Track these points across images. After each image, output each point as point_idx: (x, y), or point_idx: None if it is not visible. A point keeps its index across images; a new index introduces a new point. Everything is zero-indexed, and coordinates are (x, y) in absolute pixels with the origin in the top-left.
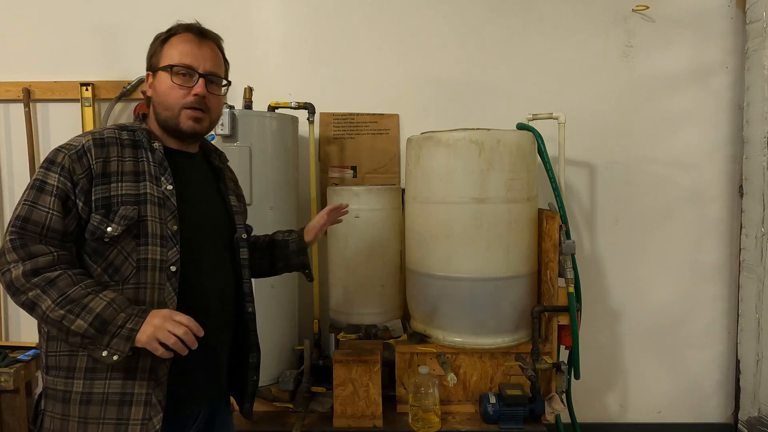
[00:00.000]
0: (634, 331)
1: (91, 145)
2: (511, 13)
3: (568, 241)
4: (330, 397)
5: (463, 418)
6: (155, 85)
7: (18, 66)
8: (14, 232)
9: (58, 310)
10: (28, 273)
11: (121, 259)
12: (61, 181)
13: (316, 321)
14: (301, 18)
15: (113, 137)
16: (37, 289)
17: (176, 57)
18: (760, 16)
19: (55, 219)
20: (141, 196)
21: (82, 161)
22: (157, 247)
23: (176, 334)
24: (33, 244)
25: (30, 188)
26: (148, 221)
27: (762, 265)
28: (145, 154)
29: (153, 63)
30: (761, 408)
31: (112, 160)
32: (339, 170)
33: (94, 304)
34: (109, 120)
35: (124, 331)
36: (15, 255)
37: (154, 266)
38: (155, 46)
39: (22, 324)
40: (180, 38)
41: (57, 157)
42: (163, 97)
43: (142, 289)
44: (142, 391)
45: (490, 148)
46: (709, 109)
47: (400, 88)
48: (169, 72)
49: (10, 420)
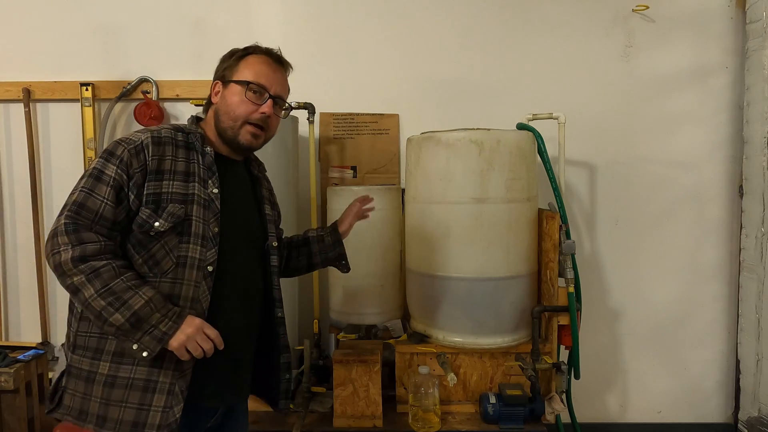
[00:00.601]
0: (634, 331)
1: (149, 142)
2: (511, 13)
3: (568, 241)
4: (330, 397)
5: (463, 418)
6: (225, 95)
7: (18, 66)
8: (69, 216)
9: (100, 301)
10: (76, 258)
11: (162, 254)
12: (118, 173)
13: (316, 321)
14: (301, 18)
15: (169, 137)
16: (82, 275)
17: (252, 75)
18: (760, 16)
19: (108, 208)
20: (189, 196)
21: (139, 156)
22: (198, 246)
23: (203, 348)
24: (84, 230)
25: (88, 176)
26: (193, 221)
27: (762, 265)
28: (196, 156)
29: (226, 75)
30: (761, 408)
31: (167, 158)
32: (339, 170)
33: (133, 301)
34: (109, 120)
35: (156, 332)
36: (66, 239)
37: (193, 264)
38: (231, 60)
39: (22, 324)
40: (258, 58)
41: (117, 149)
42: (231, 108)
43: (179, 284)
44: (167, 380)
45: (490, 148)
46: (709, 109)
47: (400, 88)
48: (245, 87)
49: (10, 420)
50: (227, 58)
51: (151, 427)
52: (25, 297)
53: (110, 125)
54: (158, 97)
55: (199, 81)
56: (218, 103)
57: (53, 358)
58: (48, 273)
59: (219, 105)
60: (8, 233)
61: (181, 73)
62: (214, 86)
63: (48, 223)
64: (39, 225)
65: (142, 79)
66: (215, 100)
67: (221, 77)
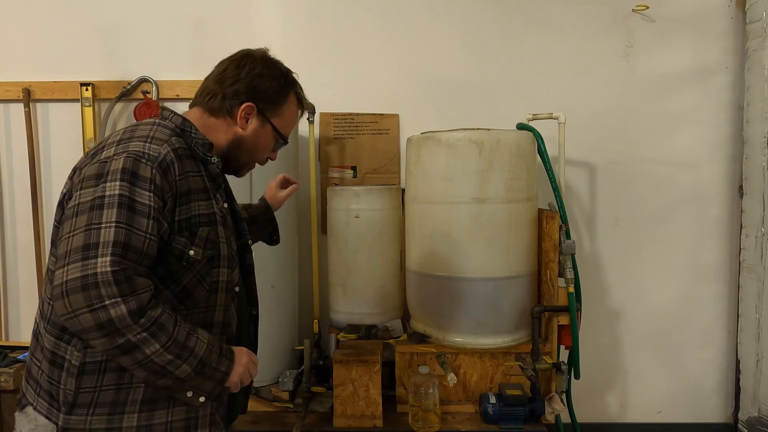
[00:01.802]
0: (634, 331)
1: (173, 157)
2: (511, 13)
3: (568, 241)
4: (330, 397)
5: (463, 418)
6: (259, 134)
7: (18, 66)
8: (115, 262)
9: (166, 355)
10: (134, 312)
11: (194, 283)
12: (154, 200)
13: (316, 321)
14: (301, 18)
15: (183, 148)
16: (145, 332)
17: (289, 128)
18: (760, 16)
19: (152, 245)
20: (211, 216)
21: (167, 177)
22: (225, 269)
23: (253, 376)
24: (135, 276)
25: (116, 206)
26: (221, 243)
27: (762, 265)
28: (199, 166)
29: (267, 109)
30: (761, 408)
31: (189, 175)
32: (339, 170)
33: (198, 348)
34: (109, 120)
35: (217, 374)
36: (116, 289)
37: (223, 288)
38: (276, 89)
39: (22, 324)
40: (294, 105)
41: (141, 169)
42: (258, 149)
43: (211, 311)
44: (206, 412)
45: (490, 148)
46: (709, 109)
47: (400, 88)
48: (278, 140)
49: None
50: (270, 77)
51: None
52: (25, 297)
53: (110, 125)
54: (158, 97)
55: (199, 81)
56: (245, 135)
57: None
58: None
59: (246, 137)
60: (8, 233)
61: (181, 73)
62: (246, 108)
63: (48, 223)
64: (39, 225)
65: (142, 79)
66: (243, 128)
67: (258, 104)
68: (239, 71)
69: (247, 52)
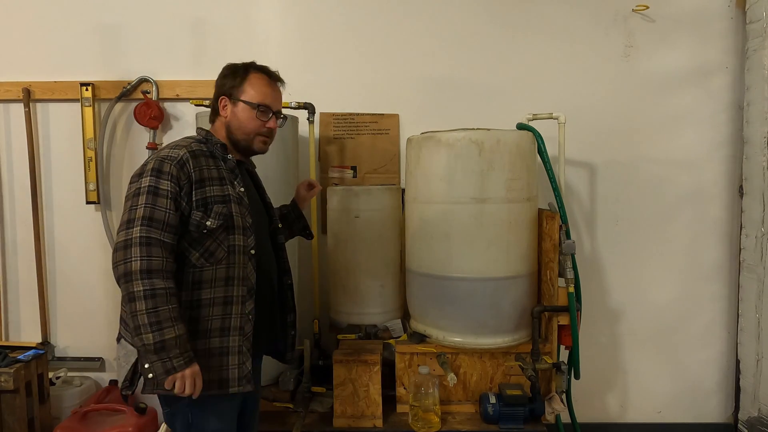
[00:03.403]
0: (634, 331)
1: (188, 156)
2: (511, 13)
3: (568, 241)
4: (330, 397)
5: (463, 418)
6: (236, 113)
7: (18, 66)
8: (141, 229)
9: (145, 318)
10: (143, 271)
11: (215, 246)
12: (172, 186)
13: (316, 321)
14: (300, 18)
15: (200, 150)
16: (142, 290)
17: (259, 97)
18: (760, 16)
19: (172, 216)
20: (226, 197)
21: (183, 169)
22: (240, 236)
23: (186, 389)
24: (154, 246)
25: (145, 193)
26: (234, 216)
27: (762, 265)
28: (218, 162)
29: (233, 93)
30: (761, 408)
31: (203, 168)
32: (339, 170)
33: (167, 333)
34: (109, 120)
35: (167, 363)
36: (138, 250)
37: (240, 250)
38: (235, 79)
39: (22, 324)
40: (259, 79)
41: (163, 166)
42: (244, 124)
43: (232, 267)
44: (235, 344)
45: (490, 148)
46: (709, 109)
47: (400, 88)
48: (255, 109)
49: (10, 420)
50: (229, 75)
51: (233, 381)
52: (25, 297)
53: (110, 125)
54: (158, 97)
55: (199, 81)
56: (229, 119)
57: (53, 358)
58: (48, 273)
59: (230, 120)
60: (8, 233)
61: (181, 73)
62: (221, 101)
63: (48, 223)
64: (39, 225)
65: (142, 79)
66: (224, 114)
67: (228, 94)
68: (215, 84)
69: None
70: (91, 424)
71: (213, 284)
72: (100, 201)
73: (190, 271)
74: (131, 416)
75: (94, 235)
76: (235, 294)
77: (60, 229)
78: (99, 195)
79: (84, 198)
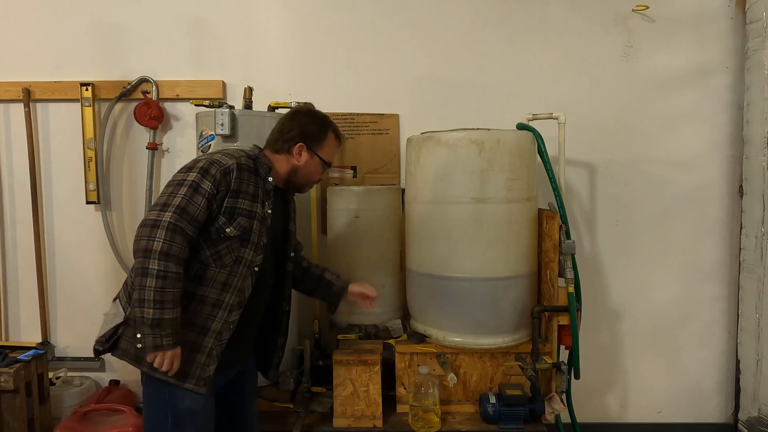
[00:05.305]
0: (634, 331)
1: (235, 167)
2: (511, 13)
3: (568, 241)
4: (330, 397)
5: (463, 418)
6: (309, 165)
7: (18, 66)
8: (173, 216)
9: (151, 294)
10: (162, 252)
11: (226, 251)
12: (211, 187)
13: (316, 321)
14: (300, 18)
15: (247, 164)
16: (156, 269)
17: (330, 156)
18: (760, 16)
19: (201, 214)
20: (253, 213)
21: (226, 177)
22: (251, 251)
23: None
24: (179, 234)
25: (188, 186)
26: (252, 231)
27: (762, 265)
28: (259, 181)
29: (313, 146)
30: (761, 408)
31: (243, 181)
32: (339, 170)
33: (167, 312)
34: (109, 120)
35: (158, 340)
36: (164, 233)
37: (246, 263)
38: (317, 132)
39: (22, 324)
40: (333, 139)
41: (211, 169)
42: (311, 175)
43: (233, 275)
44: (209, 345)
45: (490, 148)
46: (709, 109)
47: (400, 88)
48: (324, 166)
49: (10, 420)
50: (315, 126)
51: (192, 377)
52: (25, 297)
53: (110, 125)
54: (158, 97)
55: (198, 81)
56: (300, 166)
57: (53, 358)
58: (48, 273)
59: (300, 167)
60: (8, 233)
61: (181, 73)
62: (299, 146)
63: (48, 223)
64: (39, 225)
65: (142, 79)
66: (298, 160)
67: (306, 143)
68: (292, 122)
69: (296, 109)
70: (91, 424)
71: (211, 284)
72: (100, 201)
73: (196, 265)
74: (131, 416)
75: (94, 235)
76: (226, 300)
77: (60, 229)
78: (99, 195)
79: (84, 198)
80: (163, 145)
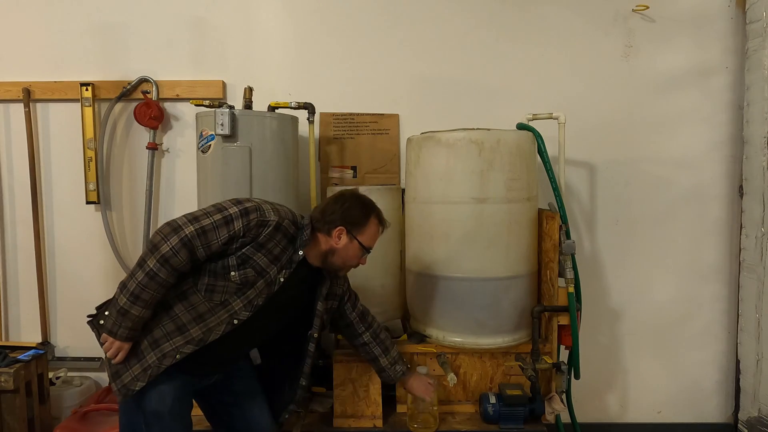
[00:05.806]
0: (634, 331)
1: (273, 224)
2: (511, 14)
3: (568, 241)
4: (330, 397)
5: (463, 418)
6: (348, 248)
7: (18, 66)
8: (192, 233)
9: (133, 285)
10: (164, 256)
11: (220, 290)
12: (240, 229)
13: None
14: (301, 18)
15: (286, 229)
16: (150, 266)
17: (370, 242)
18: (760, 16)
19: (217, 245)
20: (265, 272)
21: (259, 229)
22: (242, 304)
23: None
24: (187, 249)
25: (222, 217)
26: (253, 288)
27: (762, 265)
28: (290, 248)
29: (353, 230)
30: (761, 408)
31: (273, 240)
32: (339, 170)
33: (136, 308)
34: (109, 120)
35: (116, 326)
36: (177, 241)
37: (230, 311)
38: (361, 218)
39: (22, 324)
40: (375, 225)
41: (251, 214)
42: (349, 258)
43: (209, 313)
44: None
45: (490, 148)
46: (709, 109)
47: (400, 88)
48: (363, 250)
49: (10, 420)
50: (357, 210)
51: (120, 381)
52: (25, 297)
53: (110, 125)
54: (158, 97)
55: (199, 81)
56: (338, 248)
57: (53, 358)
58: (48, 273)
59: (338, 250)
60: (8, 233)
61: (181, 73)
62: (339, 230)
63: (48, 223)
64: (39, 225)
65: (142, 79)
66: (337, 243)
67: (347, 227)
68: (336, 205)
69: (341, 192)
70: (91, 424)
71: (189, 308)
72: (100, 201)
73: (188, 285)
74: None
75: (94, 235)
76: (190, 330)
77: (60, 229)
78: (99, 195)
79: (84, 198)
80: (163, 145)
